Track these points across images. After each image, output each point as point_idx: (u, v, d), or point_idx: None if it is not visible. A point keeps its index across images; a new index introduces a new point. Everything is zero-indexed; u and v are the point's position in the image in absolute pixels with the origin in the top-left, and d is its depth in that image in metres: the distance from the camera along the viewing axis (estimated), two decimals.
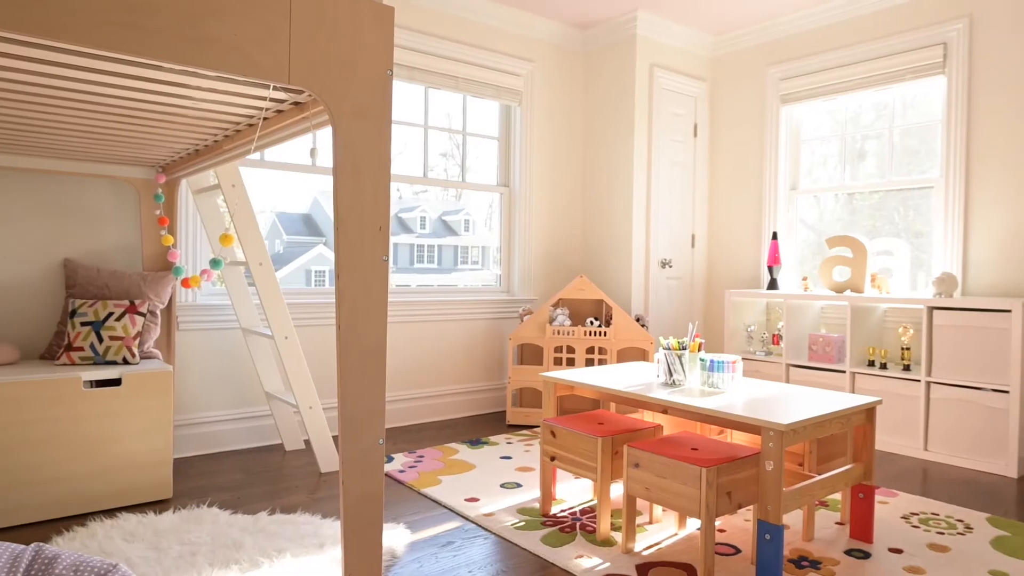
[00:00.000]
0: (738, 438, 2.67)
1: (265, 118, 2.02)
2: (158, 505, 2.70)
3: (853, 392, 3.83)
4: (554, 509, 2.69)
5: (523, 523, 2.55)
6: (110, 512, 2.62)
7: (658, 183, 4.68)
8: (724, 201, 4.95)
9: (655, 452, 2.18)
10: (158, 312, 3.05)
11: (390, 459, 3.35)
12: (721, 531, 2.49)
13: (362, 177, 1.51)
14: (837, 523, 2.58)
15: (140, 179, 3.17)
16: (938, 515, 2.70)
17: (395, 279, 4.33)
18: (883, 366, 3.81)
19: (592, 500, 2.81)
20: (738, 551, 2.32)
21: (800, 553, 2.31)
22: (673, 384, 2.56)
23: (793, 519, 2.60)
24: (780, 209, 4.64)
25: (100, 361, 2.78)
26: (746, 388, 2.54)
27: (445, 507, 2.73)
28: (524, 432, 3.97)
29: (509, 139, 4.69)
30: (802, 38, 4.48)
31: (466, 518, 2.62)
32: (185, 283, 3.15)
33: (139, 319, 2.87)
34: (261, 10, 1.37)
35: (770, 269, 4.44)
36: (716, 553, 2.30)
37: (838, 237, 4.05)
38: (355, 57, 1.49)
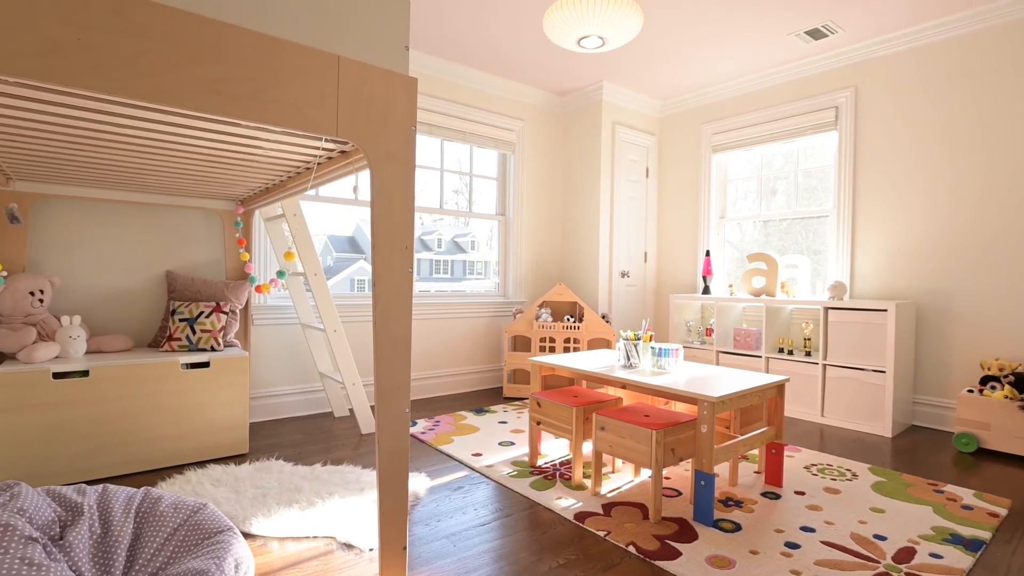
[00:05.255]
0: (680, 407, 2.67)
1: (319, 163, 2.02)
2: (237, 458, 2.70)
3: (767, 372, 3.84)
4: (539, 462, 2.69)
5: (516, 472, 2.55)
6: (201, 464, 2.62)
7: (618, 213, 4.69)
8: (669, 226, 4.96)
9: (617, 418, 2.18)
10: (237, 311, 3.05)
11: (414, 423, 3.35)
12: (667, 479, 2.50)
13: (393, 208, 1.52)
14: (755, 472, 2.58)
15: (224, 210, 3.17)
16: (832, 465, 2.71)
17: (418, 286, 4.32)
18: (790, 352, 3.82)
19: (568, 455, 2.81)
20: (680, 494, 2.32)
21: (727, 495, 2.31)
22: (630, 366, 2.57)
23: (722, 469, 2.60)
24: (712, 232, 4.65)
25: (194, 348, 2.77)
26: (686, 370, 2.55)
27: (456, 460, 2.73)
28: (516, 403, 3.97)
29: (505, 179, 4.69)
30: (728, 103, 4.50)
31: (472, 469, 2.61)
32: (258, 289, 3.14)
33: (223, 316, 2.87)
34: (316, 80, 1.38)
35: (704, 278, 4.46)
36: (663, 495, 2.30)
37: (756, 254, 4.06)
38: (387, 116, 1.50)
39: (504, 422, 3.41)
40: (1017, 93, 3.13)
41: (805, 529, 2.01)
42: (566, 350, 4.12)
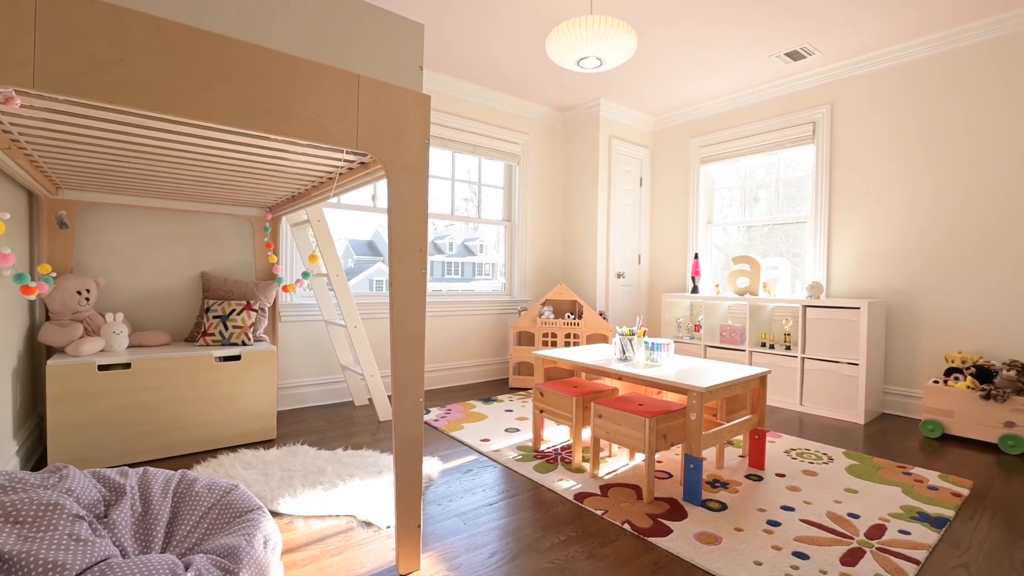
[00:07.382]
0: (671, 397, 2.66)
1: (340, 173, 2.02)
2: (266, 443, 2.70)
3: (751, 365, 3.82)
4: (542, 447, 2.68)
5: (521, 456, 2.54)
6: (233, 448, 2.62)
7: (615, 218, 4.67)
8: (661, 231, 4.94)
9: (613, 407, 2.17)
10: (266, 309, 3.05)
11: (428, 412, 3.34)
12: (659, 462, 2.48)
13: (408, 214, 1.51)
14: (740, 456, 2.57)
15: (254, 216, 3.17)
16: (809, 450, 2.69)
17: (431, 286, 4.32)
18: (771, 347, 3.80)
19: (569, 440, 2.80)
20: (671, 476, 2.31)
21: (714, 477, 2.30)
22: (626, 359, 2.56)
23: (709, 453, 2.59)
24: (700, 237, 4.63)
25: (226, 343, 2.77)
26: (676, 362, 2.54)
27: (466, 445, 2.72)
28: (521, 393, 3.96)
29: (511, 188, 4.68)
30: (715, 118, 4.48)
31: (481, 453, 2.61)
32: (285, 289, 3.14)
33: (253, 314, 2.87)
34: (338, 98, 1.37)
35: (693, 279, 4.44)
36: (655, 477, 2.29)
37: (740, 256, 4.04)
38: (403, 130, 1.50)
39: (510, 410, 3.40)
40: (980, 111, 3.10)
41: (785, 508, 1.99)
42: (567, 344, 4.11)
